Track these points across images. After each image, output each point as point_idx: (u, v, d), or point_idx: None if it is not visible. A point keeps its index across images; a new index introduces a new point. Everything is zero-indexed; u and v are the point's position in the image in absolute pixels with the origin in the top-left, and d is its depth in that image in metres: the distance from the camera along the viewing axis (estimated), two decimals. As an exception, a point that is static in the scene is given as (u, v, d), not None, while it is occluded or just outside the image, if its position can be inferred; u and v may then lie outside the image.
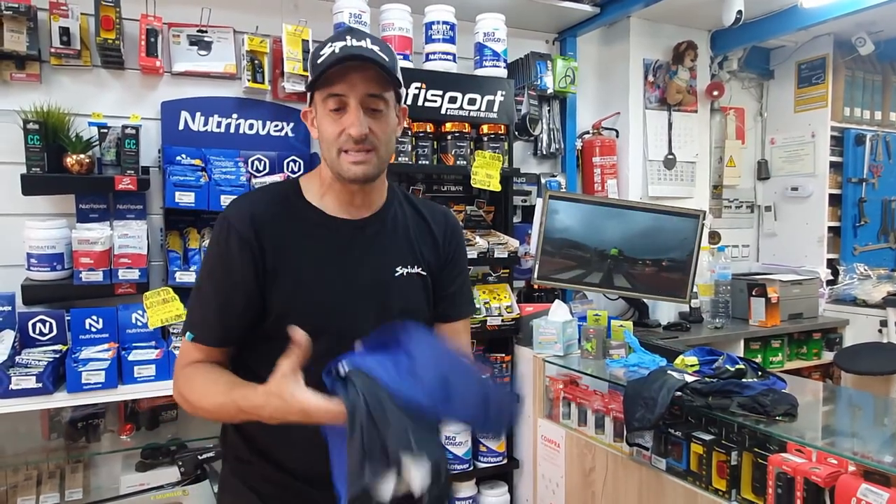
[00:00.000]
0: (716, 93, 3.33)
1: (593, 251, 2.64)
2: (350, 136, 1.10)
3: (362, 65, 1.08)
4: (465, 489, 2.55)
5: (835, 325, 3.29)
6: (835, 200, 3.58)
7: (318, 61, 1.10)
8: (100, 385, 1.92)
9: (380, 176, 1.19)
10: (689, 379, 1.85)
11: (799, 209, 3.63)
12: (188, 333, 1.15)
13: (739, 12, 2.77)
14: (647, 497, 1.90)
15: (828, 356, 3.24)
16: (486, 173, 2.49)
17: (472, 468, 2.55)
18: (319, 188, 1.21)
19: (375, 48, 1.10)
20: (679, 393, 1.79)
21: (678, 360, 2.09)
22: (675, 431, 1.81)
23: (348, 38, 1.10)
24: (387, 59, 1.10)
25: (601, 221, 2.67)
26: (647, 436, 1.89)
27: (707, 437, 1.73)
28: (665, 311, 3.14)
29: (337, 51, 1.08)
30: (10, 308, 2.04)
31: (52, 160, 2.10)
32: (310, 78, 1.14)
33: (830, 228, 3.57)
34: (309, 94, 1.18)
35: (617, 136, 3.18)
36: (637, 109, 3.17)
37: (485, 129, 2.60)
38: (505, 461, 2.60)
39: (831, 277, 3.50)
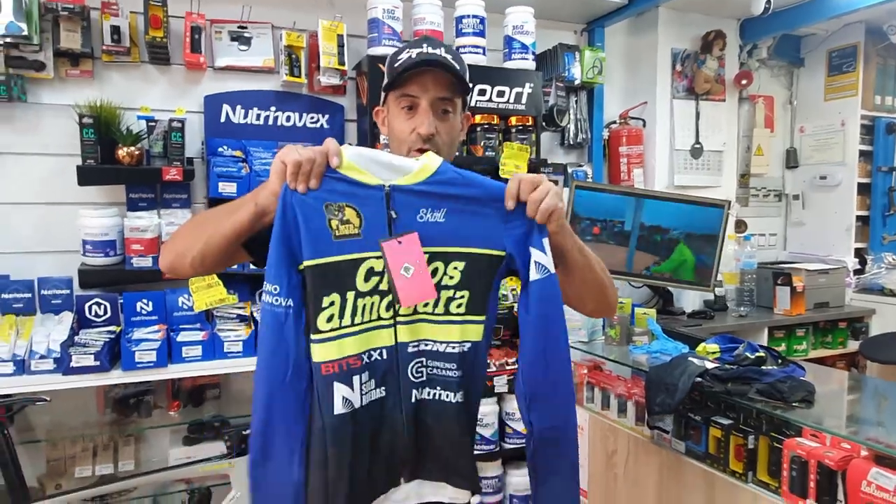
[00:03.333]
0: (744, 81, 3.34)
1: (618, 239, 2.70)
2: (419, 134, 1.21)
3: (436, 70, 1.20)
4: (492, 469, 2.65)
5: (861, 315, 3.30)
6: (864, 189, 3.57)
7: (396, 65, 1.22)
8: (151, 364, 2.06)
9: None
10: (710, 366, 1.92)
11: (827, 198, 3.63)
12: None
13: (769, 2, 2.78)
14: (667, 478, 1.98)
15: (853, 345, 3.25)
16: (514, 164, 2.56)
17: (498, 449, 2.65)
18: None
19: (448, 56, 1.22)
20: (699, 379, 1.86)
21: (700, 348, 2.16)
22: (695, 416, 1.89)
23: (425, 45, 1.22)
24: (458, 67, 1.22)
25: (626, 210, 2.73)
26: (668, 420, 1.97)
27: (725, 422, 1.80)
28: (689, 299, 3.19)
29: (414, 56, 1.20)
30: (68, 291, 2.19)
31: (105, 152, 2.22)
32: (386, 80, 1.25)
33: (859, 217, 3.56)
34: (383, 95, 1.30)
35: (644, 126, 3.22)
36: (664, 99, 3.20)
37: (513, 120, 2.67)
38: (530, 442, 2.69)
39: (859, 267, 3.51)
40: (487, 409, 2.61)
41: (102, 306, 2.21)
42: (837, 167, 3.58)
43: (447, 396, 1.12)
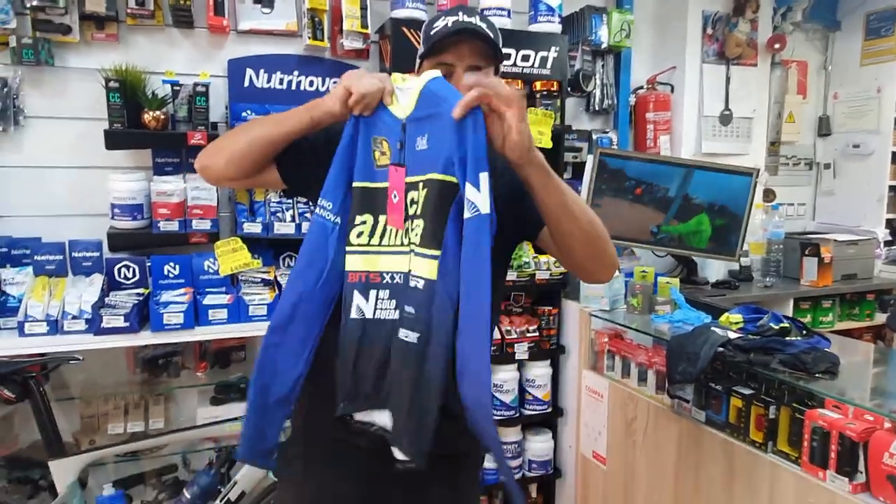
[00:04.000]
0: (777, 46, 3.24)
1: (642, 208, 2.67)
2: None
3: (471, 38, 1.24)
4: (511, 434, 2.69)
5: (890, 287, 3.24)
6: (898, 158, 3.47)
7: (432, 33, 1.26)
8: (179, 326, 2.10)
9: None
10: (732, 335, 1.91)
11: (859, 167, 3.54)
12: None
13: (806, -38, 2.68)
14: (686, 446, 1.99)
15: (881, 318, 3.20)
16: (537, 130, 2.53)
17: (518, 415, 2.69)
18: None
19: (483, 25, 1.25)
20: (721, 349, 1.85)
21: (723, 318, 2.14)
22: (716, 385, 1.89)
23: (461, 13, 1.25)
24: (492, 36, 1.25)
25: (652, 178, 2.69)
26: (689, 388, 1.98)
27: (747, 392, 1.80)
28: (714, 268, 3.15)
29: (450, 24, 1.23)
30: (98, 254, 2.23)
31: (131, 117, 2.23)
32: (422, 48, 1.29)
33: (892, 188, 3.47)
34: (418, 62, 1.32)
35: (672, 92, 3.15)
36: (694, 63, 3.12)
37: (537, 85, 2.63)
38: (550, 409, 2.72)
39: (889, 238, 3.43)
40: (508, 376, 2.64)
41: (131, 269, 2.26)
42: (871, 135, 3.47)
43: (404, 335, 1.12)
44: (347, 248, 1.19)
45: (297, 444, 1.34)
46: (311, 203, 2.09)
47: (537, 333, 2.66)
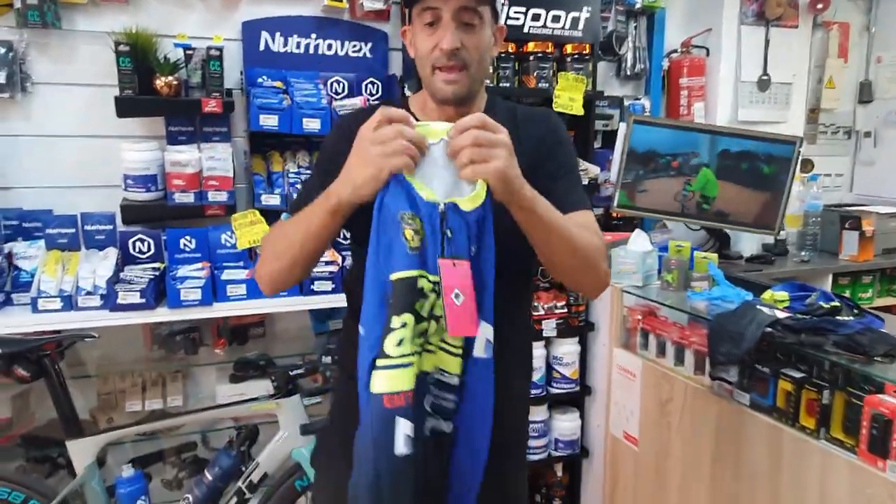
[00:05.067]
0: (820, 6, 3.05)
1: (677, 179, 2.54)
2: (441, 50, 1.12)
3: None
4: (538, 413, 2.60)
5: (933, 262, 3.10)
6: (945, 126, 3.30)
7: None
8: (196, 302, 2.02)
9: (473, 95, 1.21)
10: (780, 315, 1.80)
11: (902, 136, 3.37)
12: (284, 215, 1.26)
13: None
14: (727, 429, 1.90)
15: (922, 293, 3.08)
16: (568, 97, 2.39)
17: (545, 393, 2.60)
18: (422, 106, 1.26)
19: None
20: (769, 329, 1.75)
21: (766, 295, 2.03)
22: (763, 367, 1.78)
23: None
24: None
25: (687, 147, 2.55)
26: (732, 370, 1.87)
27: (797, 375, 1.69)
28: (747, 242, 3.03)
29: None
30: (111, 227, 2.15)
31: (143, 83, 2.13)
32: None
33: (937, 157, 3.31)
34: (407, 12, 1.18)
35: (707, 55, 2.99)
36: (731, 25, 2.95)
37: (568, 48, 2.48)
38: (577, 388, 2.64)
39: (933, 210, 3.27)
40: (536, 353, 2.54)
41: (146, 242, 2.17)
42: (916, 102, 3.30)
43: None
44: (380, 364, 0.92)
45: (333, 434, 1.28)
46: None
47: (566, 310, 2.56)
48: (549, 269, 1.20)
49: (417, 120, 1.04)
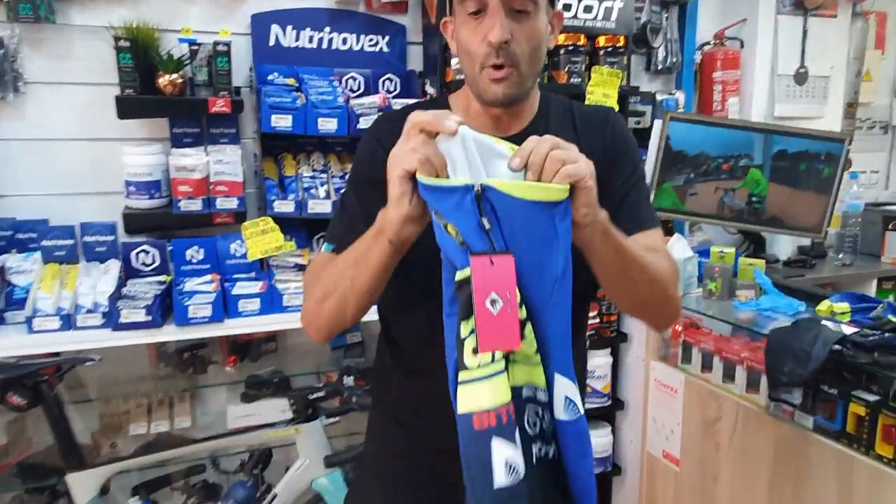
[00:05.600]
0: (860, -7, 2.89)
1: (722, 181, 2.38)
2: (489, 43, 0.95)
3: None
4: (568, 428, 2.45)
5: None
6: None
7: None
8: (206, 319, 1.87)
9: (525, 94, 1.04)
10: (847, 330, 1.65)
11: (942, 130, 3.20)
12: (325, 244, 1.08)
13: None
14: (787, 454, 1.74)
15: (968, 298, 2.92)
16: (602, 93, 2.23)
17: (576, 407, 2.45)
18: (465, 107, 1.09)
19: None
20: (837, 347, 1.59)
21: (823, 306, 1.88)
22: (830, 388, 1.63)
23: None
24: None
25: (726, 146, 2.40)
26: (796, 392, 1.71)
27: (871, 398, 1.54)
28: (783, 244, 2.87)
29: None
30: (112, 238, 1.99)
31: (145, 81, 1.97)
32: None
33: (979, 153, 3.15)
34: (448, 1, 1.02)
35: (741, 47, 2.82)
36: (768, 15, 2.78)
37: (601, 41, 2.32)
38: (609, 402, 2.48)
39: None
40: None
41: (150, 254, 2.01)
42: (958, 95, 3.13)
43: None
44: (462, 378, 0.79)
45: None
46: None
47: (597, 320, 2.40)
48: (618, 301, 1.07)
49: None
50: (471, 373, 0.78)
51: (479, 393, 0.77)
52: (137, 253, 2.00)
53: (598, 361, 2.45)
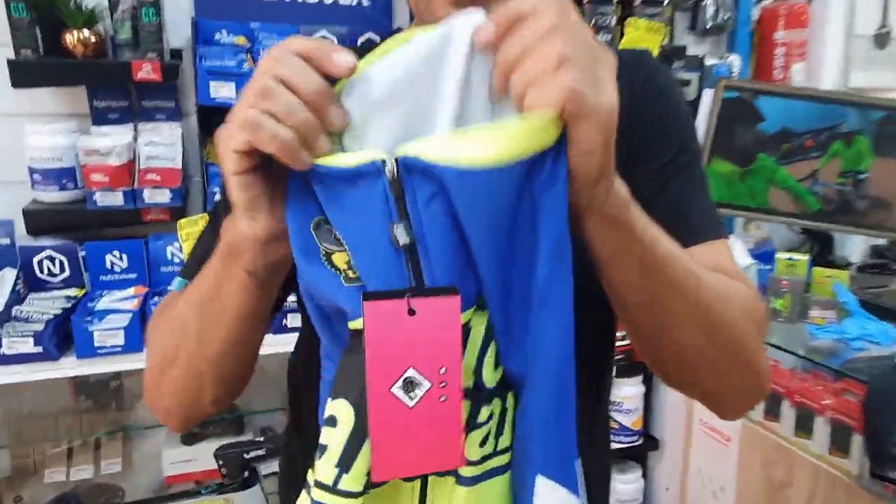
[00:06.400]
0: (957, -64, 2.34)
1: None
2: None
3: None
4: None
5: None
6: None
7: None
8: (118, 349, 1.44)
9: None
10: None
11: None
12: (178, 280, 0.73)
13: None
14: (890, 547, 1.28)
15: None
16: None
17: (599, 447, 2.00)
18: None
19: None
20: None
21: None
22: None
23: None
24: None
25: (794, 122, 1.90)
26: (910, 468, 1.24)
27: None
28: (855, 245, 2.37)
29: None
30: (8, 241, 1.57)
31: (48, 39, 1.55)
32: None
33: None
34: None
35: (809, 3, 2.30)
36: (844, -38, 2.26)
37: (638, -12, 1.83)
38: (640, 440, 2.03)
39: None
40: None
41: (57, 261, 1.59)
42: None
43: None
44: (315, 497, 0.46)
45: None
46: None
47: (626, 341, 1.93)
48: (649, 356, 0.61)
49: None
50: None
51: None
52: (41, 259, 1.58)
53: (628, 392, 1.99)
